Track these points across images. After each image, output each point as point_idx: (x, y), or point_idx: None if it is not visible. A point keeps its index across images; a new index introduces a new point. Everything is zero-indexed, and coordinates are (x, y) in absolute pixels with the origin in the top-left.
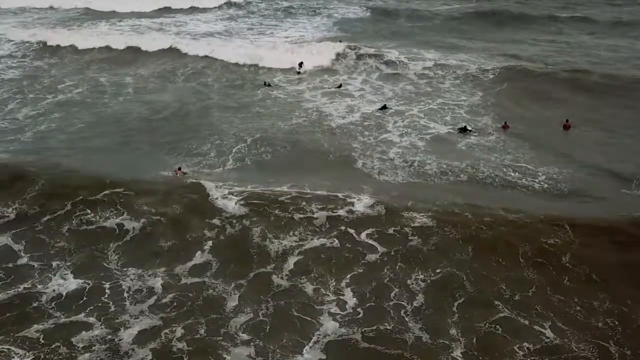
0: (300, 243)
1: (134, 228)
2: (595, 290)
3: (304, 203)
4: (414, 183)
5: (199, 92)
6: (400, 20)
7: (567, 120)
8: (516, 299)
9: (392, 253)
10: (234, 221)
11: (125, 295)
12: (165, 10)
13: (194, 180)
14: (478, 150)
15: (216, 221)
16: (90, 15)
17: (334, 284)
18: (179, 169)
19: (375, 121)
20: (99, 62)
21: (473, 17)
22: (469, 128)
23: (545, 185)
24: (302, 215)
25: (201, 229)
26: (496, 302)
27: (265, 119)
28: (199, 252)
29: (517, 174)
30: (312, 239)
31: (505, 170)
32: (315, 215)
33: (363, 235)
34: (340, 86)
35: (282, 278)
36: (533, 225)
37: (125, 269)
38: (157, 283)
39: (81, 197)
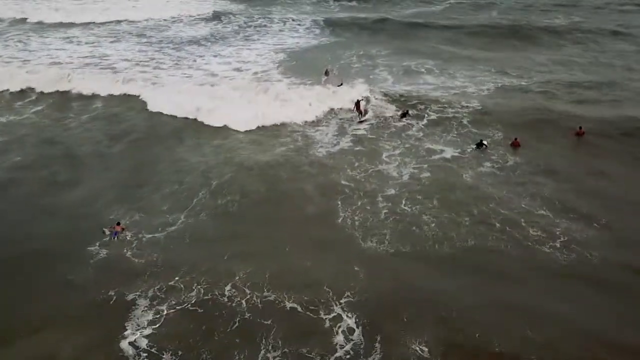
0: None
1: None
2: None
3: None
4: (406, 257)
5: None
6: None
7: (580, 128)
8: None
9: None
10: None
11: None
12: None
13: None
14: (489, 184)
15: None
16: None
17: None
18: (118, 224)
19: (368, 150)
20: None
21: (471, 27)
22: (485, 143)
23: (574, 261)
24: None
25: None
26: None
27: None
28: None
29: (536, 232)
30: None
31: (521, 225)
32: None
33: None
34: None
35: None
36: None
37: None
38: None
39: None
